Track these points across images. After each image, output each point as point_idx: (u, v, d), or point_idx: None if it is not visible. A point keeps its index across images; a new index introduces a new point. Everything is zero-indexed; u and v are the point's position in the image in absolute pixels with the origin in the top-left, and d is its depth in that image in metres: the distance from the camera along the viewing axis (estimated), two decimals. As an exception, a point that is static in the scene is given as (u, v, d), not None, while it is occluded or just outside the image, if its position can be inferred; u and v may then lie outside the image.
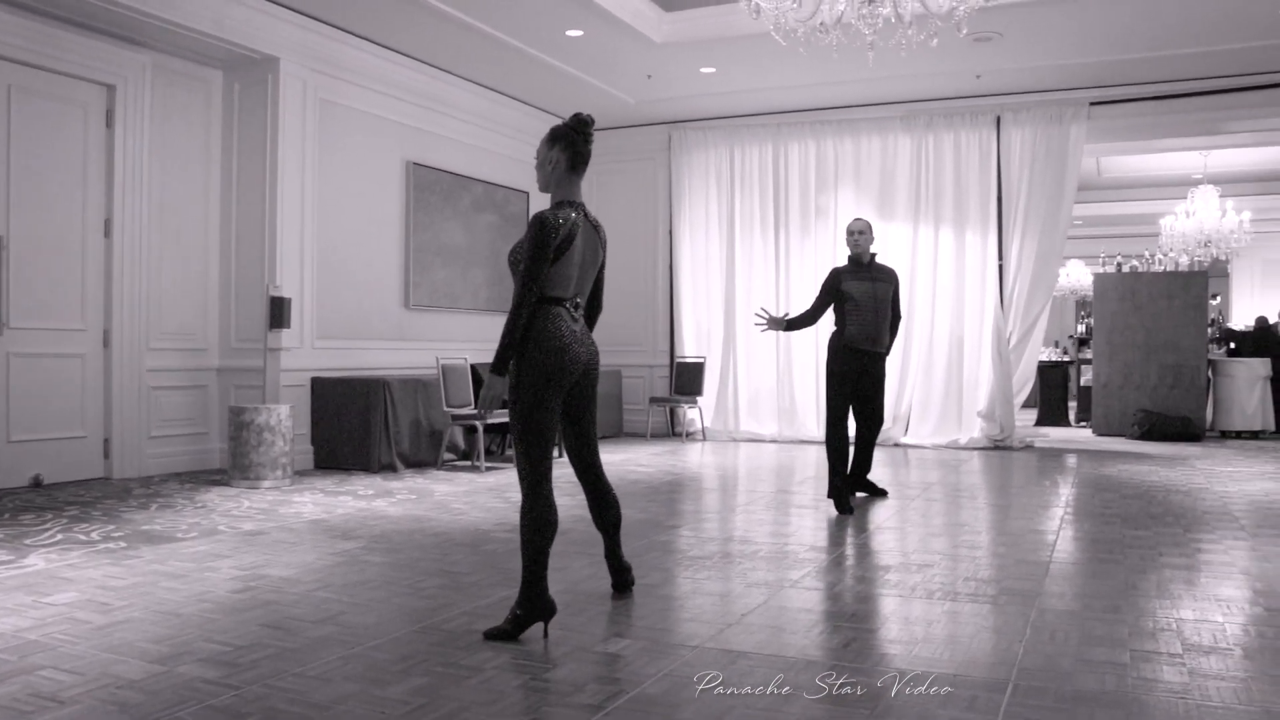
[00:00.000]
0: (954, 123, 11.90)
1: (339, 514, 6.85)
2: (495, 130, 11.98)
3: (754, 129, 12.75)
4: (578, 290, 4.07)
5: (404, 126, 10.63)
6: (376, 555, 5.48)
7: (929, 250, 11.99)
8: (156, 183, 8.80)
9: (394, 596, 4.55)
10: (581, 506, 7.12)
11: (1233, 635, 3.97)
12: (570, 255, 3.99)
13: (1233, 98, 11.14)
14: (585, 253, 4.08)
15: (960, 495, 7.99)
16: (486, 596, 4.54)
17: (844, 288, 7.20)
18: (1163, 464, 10.02)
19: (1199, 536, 6.12)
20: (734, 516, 6.96)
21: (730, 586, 4.84)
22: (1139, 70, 10.78)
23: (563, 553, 5.49)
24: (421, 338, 10.83)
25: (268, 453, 8.09)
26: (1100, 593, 4.67)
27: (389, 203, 10.47)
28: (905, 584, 4.85)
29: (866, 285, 7.20)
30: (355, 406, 9.25)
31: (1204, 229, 15.49)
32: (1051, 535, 6.18)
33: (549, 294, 3.96)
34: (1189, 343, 13.05)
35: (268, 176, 9.14)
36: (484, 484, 8.43)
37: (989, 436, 11.62)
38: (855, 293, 7.17)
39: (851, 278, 7.23)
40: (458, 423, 9.56)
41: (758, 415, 12.71)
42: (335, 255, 9.78)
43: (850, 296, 7.18)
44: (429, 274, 10.89)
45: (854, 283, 7.20)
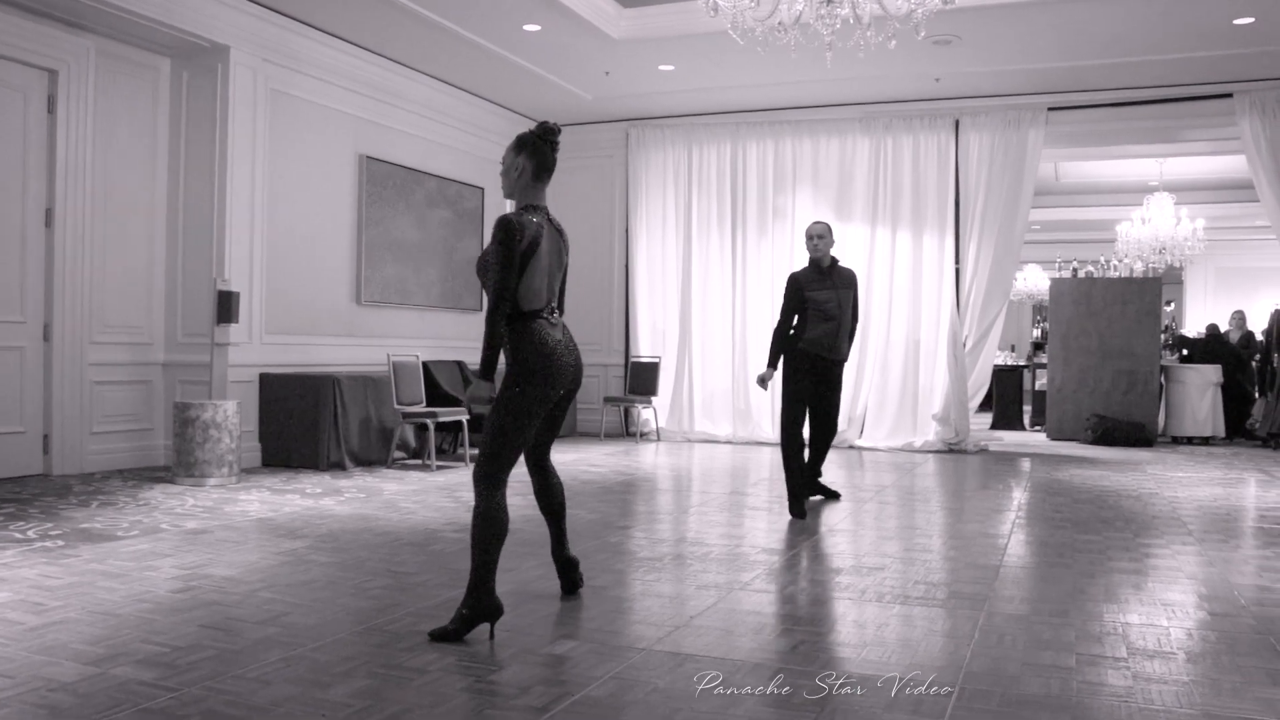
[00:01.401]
0: (913, 125, 12.01)
1: (285, 513, 6.79)
2: (450, 125, 11.93)
3: (712, 128, 12.78)
4: (550, 296, 4.16)
5: (357, 119, 10.56)
6: (322, 555, 5.44)
7: (886, 252, 12.09)
8: (100, 172, 8.68)
9: (339, 597, 4.53)
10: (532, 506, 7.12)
11: (1177, 639, 4.04)
12: (537, 263, 4.06)
13: (1189, 106, 11.33)
14: (551, 258, 4.15)
15: (914, 498, 8.05)
16: (433, 597, 4.53)
17: (807, 296, 7.09)
18: (1115, 469, 10.16)
19: (1148, 541, 6.21)
20: (687, 518, 6.98)
21: (681, 589, 4.85)
22: (1096, 76, 10.93)
23: (512, 553, 5.47)
24: (373, 334, 10.77)
25: (213, 450, 8.00)
26: (1049, 597, 4.73)
27: (341, 196, 10.40)
28: (856, 587, 4.88)
29: (829, 293, 7.11)
30: (304, 403, 9.18)
31: (1159, 236, 15.74)
32: (1003, 539, 6.25)
33: (525, 309, 4.06)
34: (1143, 349, 13.24)
35: (216, 167, 9.05)
36: (434, 483, 8.39)
37: (944, 440, 11.72)
38: (819, 301, 7.08)
39: (814, 285, 7.11)
40: (408, 421, 9.52)
41: (712, 416, 12.75)
42: (285, 249, 9.70)
43: (813, 305, 7.07)
44: (381, 269, 10.83)
45: (818, 291, 7.10)
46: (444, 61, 10.77)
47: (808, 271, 7.21)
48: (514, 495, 7.68)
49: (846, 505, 7.56)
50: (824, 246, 7.15)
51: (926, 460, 10.82)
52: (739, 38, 7.02)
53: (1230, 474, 9.93)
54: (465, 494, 7.75)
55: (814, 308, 7.06)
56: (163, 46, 8.94)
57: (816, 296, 7.08)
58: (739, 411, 12.55)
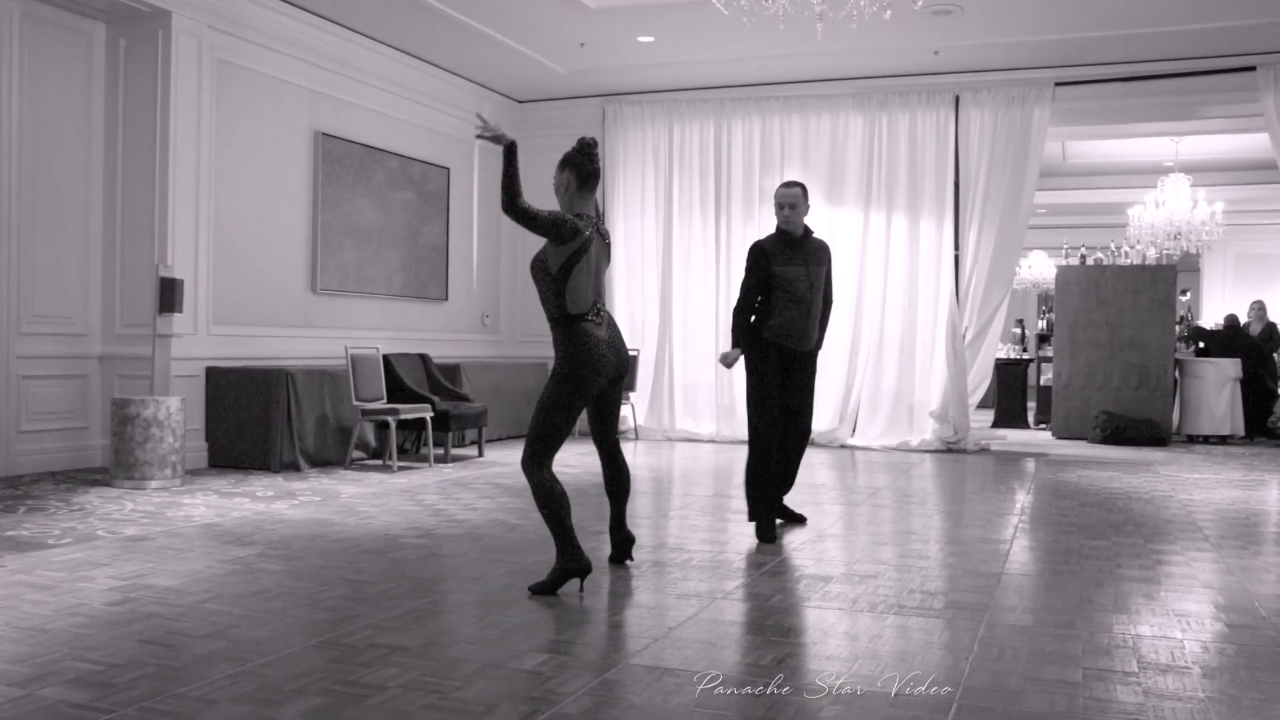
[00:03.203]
0: (909, 102, 12.03)
1: (234, 517, 6.75)
2: (413, 100, 11.88)
3: (695, 104, 12.77)
4: (595, 298, 4.94)
5: (312, 93, 10.50)
6: (274, 563, 5.41)
7: (880, 238, 12.11)
8: (28, 147, 8.58)
9: (291, 608, 4.50)
10: (500, 509, 7.12)
11: (1192, 653, 4.05)
12: (585, 266, 4.86)
13: (1207, 80, 11.36)
14: (597, 261, 4.97)
15: (910, 501, 8.07)
16: (394, 607, 4.50)
17: (775, 271, 6.40)
18: (1125, 470, 10.22)
19: (1160, 548, 6.24)
20: (666, 522, 6.97)
21: (660, 598, 4.84)
22: (1107, 49, 10.96)
23: (479, 559, 5.50)
24: (329, 325, 10.72)
25: (155, 450, 7.95)
26: (1054, 606, 4.74)
27: (295, 176, 10.34)
28: (848, 596, 4.89)
29: (799, 269, 6.42)
30: (255, 400, 9.13)
31: (1174, 220, 15.79)
32: (1005, 545, 6.26)
33: (572, 312, 4.86)
34: (1155, 341, 13.31)
35: (158, 144, 8.97)
36: (396, 485, 8.36)
37: (941, 438, 11.76)
38: (787, 278, 6.39)
39: (782, 259, 6.42)
40: (368, 418, 9.48)
41: (694, 413, 12.75)
42: (234, 233, 9.64)
43: (781, 283, 6.39)
44: (338, 255, 10.77)
45: (786, 266, 6.40)
46: (406, 31, 10.72)
47: (775, 241, 6.51)
48: (482, 499, 7.68)
49: (838, 509, 7.57)
50: (796, 218, 6.46)
51: (923, 460, 10.85)
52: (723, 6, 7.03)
53: (1250, 476, 9.99)
54: (427, 498, 7.74)
55: (782, 287, 6.39)
56: (96, 10, 8.86)
57: (785, 273, 6.39)
58: (723, 408, 12.55)
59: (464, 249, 12.94)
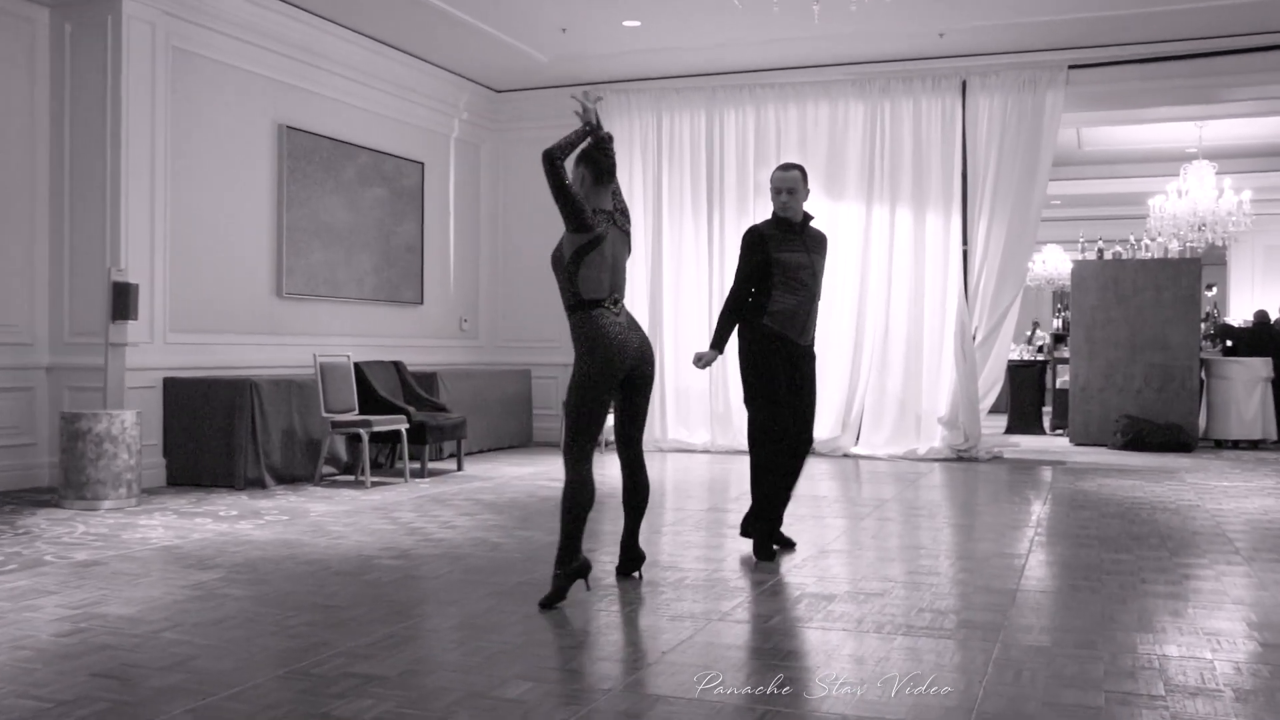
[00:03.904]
0: (913, 88, 12.04)
1: (194, 539, 6.72)
2: (385, 91, 11.86)
3: (685, 93, 12.77)
4: (613, 287, 5.30)
5: (276, 83, 10.48)
6: (238, 588, 5.39)
7: (884, 234, 12.11)
8: (-27, 145, 8.57)
9: (257, 636, 4.48)
10: (481, 527, 7.10)
11: (1223, 675, 4.05)
12: (598, 256, 5.21)
13: (1233, 60, 11.33)
14: (614, 255, 5.31)
15: (918, 513, 8.07)
16: (368, 634, 4.49)
17: (775, 257, 6.21)
18: (1148, 478, 10.23)
19: (1188, 561, 6.24)
20: (659, 539, 6.96)
21: (653, 620, 4.84)
22: (1125, 29, 10.97)
23: (458, 583, 5.50)
24: (296, 331, 10.69)
25: (109, 467, 7.92)
26: (1073, 626, 4.74)
27: (258, 172, 10.32)
28: (852, 616, 4.88)
29: (800, 256, 6.25)
30: (216, 412, 9.10)
31: (1198, 210, 15.77)
32: (1020, 560, 6.26)
33: (586, 297, 5.22)
34: (1179, 340, 13.33)
35: (109, 139, 8.94)
36: (369, 502, 8.34)
37: (951, 446, 11.77)
38: (788, 265, 6.21)
39: (783, 244, 6.25)
40: (339, 431, 9.46)
41: (687, 422, 12.74)
42: (193, 233, 9.61)
43: (782, 270, 6.20)
44: (305, 257, 10.75)
45: (788, 252, 6.24)
46: (376, 16, 10.70)
47: (772, 226, 6.36)
48: (461, 516, 7.67)
49: (842, 523, 7.56)
50: (795, 203, 6.32)
51: (932, 470, 10.86)
52: (714, -14, 7.01)
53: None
54: (402, 515, 7.72)
55: (783, 274, 6.20)
56: (42, -4, 8.86)
57: (787, 259, 6.22)
58: (717, 416, 12.54)
59: (440, 249, 12.93)
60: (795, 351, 6.27)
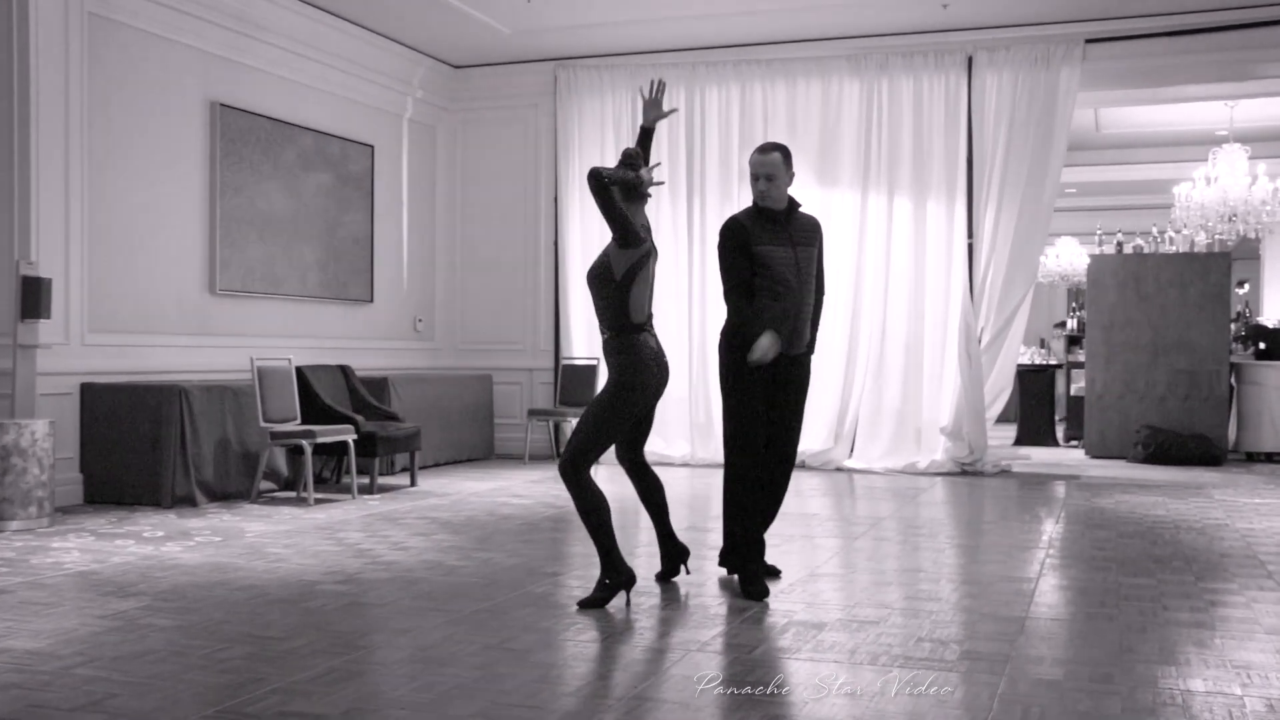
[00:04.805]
0: (914, 64, 12.07)
1: (115, 564, 6.69)
2: (331, 65, 11.82)
3: (663, 69, 12.72)
4: (649, 308, 5.72)
5: (208, 55, 10.42)
6: (163, 617, 5.36)
7: (881, 225, 12.13)
8: None
9: (185, 671, 4.46)
10: (436, 549, 7.08)
11: (1254, 713, 4.06)
12: (645, 275, 5.63)
13: (1268, 33, 11.33)
14: (654, 270, 5.76)
15: (918, 533, 8.09)
16: (308, 668, 4.47)
17: (756, 252, 6.03)
18: (1172, 494, 10.27)
19: (1215, 586, 6.27)
20: (632, 560, 6.91)
21: (626, 650, 4.84)
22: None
23: (410, 609, 5.49)
24: (231, 332, 10.64)
25: (17, 484, 7.88)
26: (1088, 657, 4.76)
27: (188, 155, 10.27)
28: (846, 646, 4.88)
29: (785, 250, 6.07)
30: (141, 422, 9.06)
31: (1228, 199, 15.74)
32: (1030, 584, 6.28)
33: (635, 320, 5.63)
34: (1207, 342, 13.38)
35: (16, 117, 8.87)
36: (311, 521, 8.31)
37: (954, 459, 11.80)
38: (770, 261, 6.02)
39: (764, 237, 6.05)
40: (278, 442, 9.42)
41: (664, 432, 12.70)
42: (114, 223, 9.55)
43: (765, 269, 6.02)
44: (242, 250, 10.71)
45: (769, 246, 6.05)
46: (319, -18, 10.69)
47: (752, 216, 6.15)
48: (414, 536, 7.65)
49: (834, 544, 7.57)
50: (776, 190, 6.11)
51: (933, 485, 10.89)
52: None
53: (1315, 499, 10.08)
54: (349, 534, 7.70)
55: (766, 274, 6.02)
56: (-59, -42, 8.80)
57: (769, 254, 6.03)
58: (698, 426, 12.54)
59: (392, 241, 12.89)
60: (780, 363, 6.08)
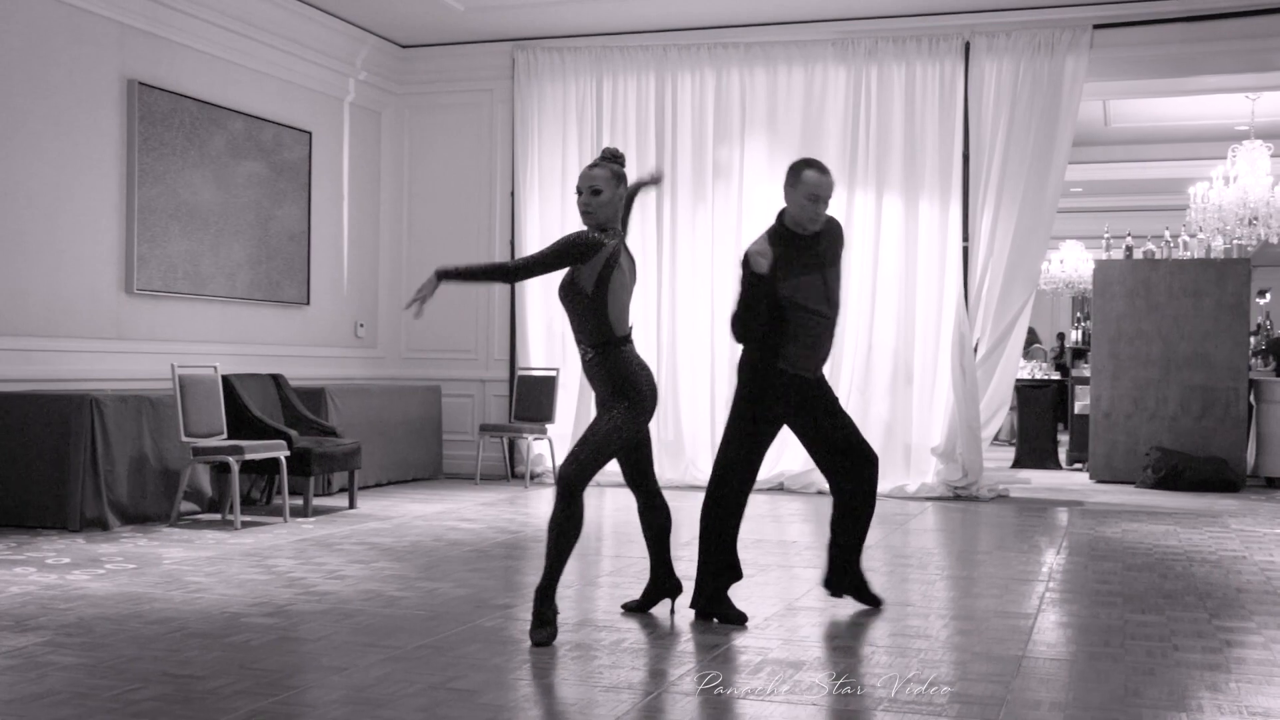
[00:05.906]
0: (906, 50, 12.10)
1: (12, 594, 6.63)
2: (264, 42, 11.78)
3: (631, 51, 12.77)
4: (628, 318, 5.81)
5: (125, 28, 10.37)
6: (67, 654, 5.32)
7: (868, 226, 12.16)
8: None
9: (90, 715, 4.43)
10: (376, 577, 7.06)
11: (1268, 760, 4.09)
12: (619, 280, 5.69)
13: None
14: (630, 276, 5.81)
15: (906, 563, 8.10)
16: (231, 709, 4.44)
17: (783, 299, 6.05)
18: (1184, 523, 10.31)
19: (1230, 625, 6.29)
20: (594, 592, 6.96)
21: (583, 691, 4.83)
22: (1160, -19, 11.08)
23: (347, 645, 5.48)
24: (150, 336, 10.59)
25: (-87, 502, 7.82)
26: (1091, 701, 4.77)
27: (101, 139, 10.22)
28: (825, 687, 4.89)
29: (814, 276, 6.14)
30: (46, 435, 9.01)
31: (1248, 200, 15.79)
32: (1028, 620, 6.29)
33: (618, 334, 5.73)
34: (1223, 357, 13.44)
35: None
36: (238, 547, 8.27)
37: (947, 482, 11.83)
38: (803, 294, 6.09)
39: (793, 268, 6.07)
40: (202, 459, 9.37)
41: (632, 452, 12.72)
42: (16, 213, 9.49)
43: (794, 303, 6.08)
44: (163, 245, 10.66)
45: (798, 279, 6.08)
46: (252, -48, 10.66)
47: (778, 241, 6.13)
48: (352, 564, 7.63)
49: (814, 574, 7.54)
50: (822, 212, 6.22)
51: (923, 510, 10.90)
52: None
53: (1341, 529, 10.13)
54: (277, 563, 7.65)
55: (796, 306, 6.10)
56: None
57: (798, 289, 6.09)
58: (667, 445, 12.52)
59: (331, 238, 12.85)
60: (808, 387, 6.28)
